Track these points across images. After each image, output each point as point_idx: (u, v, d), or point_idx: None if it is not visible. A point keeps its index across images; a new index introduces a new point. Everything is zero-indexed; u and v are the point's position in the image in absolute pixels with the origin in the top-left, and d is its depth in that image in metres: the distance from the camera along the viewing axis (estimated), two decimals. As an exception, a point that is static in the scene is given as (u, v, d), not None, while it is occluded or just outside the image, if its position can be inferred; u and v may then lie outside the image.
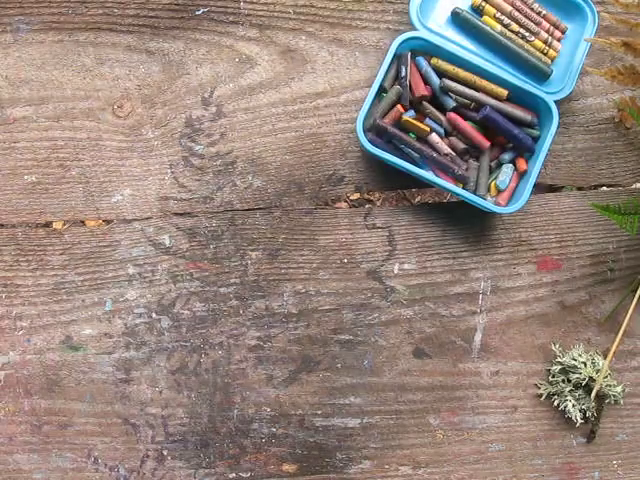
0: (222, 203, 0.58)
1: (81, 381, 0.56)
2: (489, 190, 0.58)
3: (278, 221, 0.58)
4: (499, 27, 0.59)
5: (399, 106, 0.57)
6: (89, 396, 0.56)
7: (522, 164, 0.58)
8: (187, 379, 0.56)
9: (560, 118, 0.58)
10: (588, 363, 0.58)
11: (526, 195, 0.56)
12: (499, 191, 0.58)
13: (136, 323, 0.57)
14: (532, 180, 0.56)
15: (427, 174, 0.56)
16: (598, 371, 0.57)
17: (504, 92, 0.58)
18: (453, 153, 0.57)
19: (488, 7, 0.59)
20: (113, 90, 0.58)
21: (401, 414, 0.58)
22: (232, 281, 0.57)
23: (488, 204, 0.56)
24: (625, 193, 0.61)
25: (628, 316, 0.58)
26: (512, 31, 0.59)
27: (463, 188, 0.57)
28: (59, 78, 0.58)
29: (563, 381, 0.58)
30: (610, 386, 0.58)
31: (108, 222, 0.58)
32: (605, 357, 0.58)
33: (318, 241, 0.58)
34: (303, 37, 0.60)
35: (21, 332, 0.56)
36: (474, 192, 0.57)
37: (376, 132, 0.56)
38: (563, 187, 0.62)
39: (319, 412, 0.57)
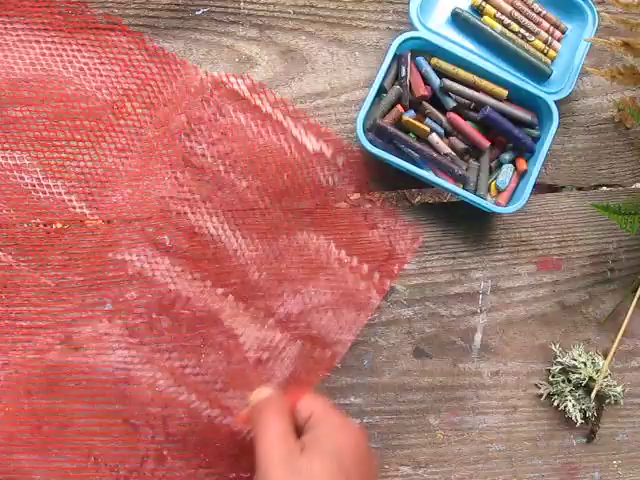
0: (222, 203, 0.58)
1: (81, 381, 0.56)
2: (489, 190, 0.58)
3: (279, 221, 0.58)
4: (499, 27, 0.59)
5: (399, 106, 0.57)
6: (89, 396, 0.56)
7: (522, 164, 0.58)
8: (188, 379, 0.56)
9: (560, 118, 0.58)
10: (588, 363, 0.58)
11: (526, 195, 0.56)
12: (499, 191, 0.58)
13: (136, 323, 0.56)
14: (532, 180, 0.56)
15: (427, 174, 0.56)
16: (598, 371, 0.57)
17: (504, 92, 0.58)
18: (453, 153, 0.57)
19: (488, 7, 0.59)
20: (113, 90, 0.58)
21: (401, 414, 0.58)
22: (232, 281, 0.57)
23: (488, 204, 0.56)
24: (625, 193, 0.62)
25: (628, 316, 0.58)
26: (512, 31, 0.59)
27: (463, 188, 0.57)
28: (59, 78, 0.58)
29: (563, 381, 0.58)
30: (610, 386, 0.58)
31: (108, 222, 0.58)
32: (605, 357, 0.58)
33: (318, 241, 0.58)
34: (303, 37, 0.60)
35: (21, 332, 0.56)
36: (474, 192, 0.57)
37: (376, 132, 0.56)
38: (563, 187, 0.62)
39: (319, 412, 0.57)
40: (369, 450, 0.47)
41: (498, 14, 0.59)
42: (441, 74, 0.58)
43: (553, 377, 0.58)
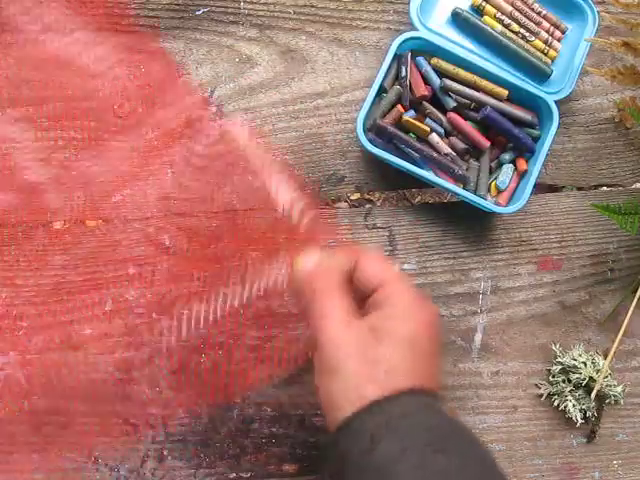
0: (222, 203, 0.58)
1: (81, 381, 0.56)
2: (489, 190, 0.58)
3: (278, 221, 0.58)
4: (499, 27, 0.59)
5: (399, 106, 0.57)
6: (89, 396, 0.56)
7: (522, 164, 0.58)
8: (187, 379, 0.56)
9: (560, 118, 0.58)
10: (588, 363, 0.58)
11: (526, 195, 0.56)
12: (499, 191, 0.58)
13: (136, 323, 0.56)
14: (532, 180, 0.56)
15: (427, 174, 0.56)
16: (598, 371, 0.57)
17: (504, 92, 0.58)
18: (453, 153, 0.57)
19: (488, 7, 0.59)
20: (113, 90, 0.58)
21: (401, 414, 0.58)
22: (232, 281, 0.57)
23: (488, 204, 0.56)
24: (625, 193, 0.61)
25: (628, 316, 0.58)
26: (512, 31, 0.59)
27: (463, 188, 0.57)
28: (59, 78, 0.58)
29: (563, 381, 0.58)
30: (610, 386, 0.58)
31: (108, 222, 0.58)
32: (605, 357, 0.58)
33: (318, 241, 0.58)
34: (303, 37, 0.60)
35: (21, 332, 0.56)
36: (474, 192, 0.57)
37: (376, 132, 0.56)
38: (563, 187, 0.62)
39: (319, 412, 0.57)
40: (440, 332, 0.42)
41: (498, 14, 0.59)
42: (441, 74, 0.58)
43: (553, 377, 0.58)
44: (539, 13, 0.60)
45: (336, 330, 0.39)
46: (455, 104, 0.57)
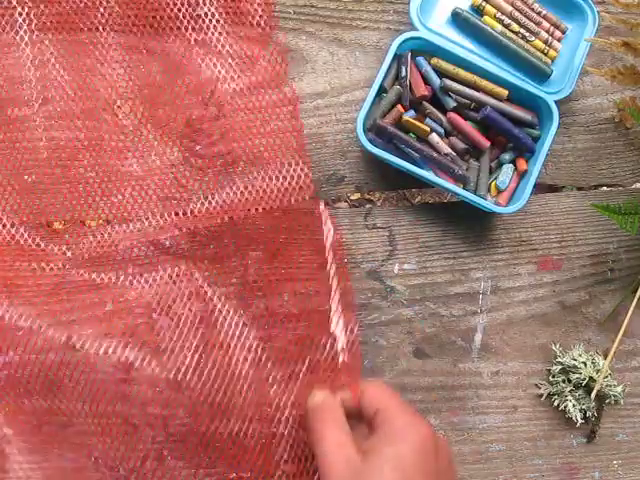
0: (222, 203, 0.58)
1: (81, 381, 0.56)
2: (489, 190, 0.58)
3: (278, 221, 0.58)
4: (499, 27, 0.59)
5: (399, 106, 0.57)
6: (89, 396, 0.56)
7: (522, 164, 0.58)
8: (187, 379, 0.56)
9: (560, 118, 0.58)
10: (588, 363, 0.58)
11: (526, 195, 0.56)
12: (499, 191, 0.58)
13: (136, 323, 0.56)
14: (532, 180, 0.56)
15: (427, 174, 0.56)
16: (598, 371, 0.57)
17: (504, 92, 0.58)
18: (453, 153, 0.57)
19: (488, 7, 0.59)
20: (113, 90, 0.58)
21: (401, 414, 0.57)
22: (232, 281, 0.57)
23: (488, 204, 0.56)
24: (625, 193, 0.62)
25: (628, 316, 0.58)
26: (512, 31, 0.59)
27: (463, 188, 0.57)
28: (59, 78, 0.58)
29: (563, 381, 0.58)
30: (610, 386, 0.58)
31: (108, 222, 0.58)
32: (605, 357, 0.58)
33: (318, 241, 0.58)
34: (303, 37, 0.60)
35: (21, 332, 0.56)
36: (474, 192, 0.57)
37: (376, 132, 0.56)
38: (563, 187, 0.62)
39: (319, 412, 0.57)
40: (437, 451, 0.44)
41: (498, 14, 0.59)
42: (441, 74, 0.58)
43: (553, 377, 0.58)
44: (539, 13, 0.60)
45: (329, 463, 0.43)
46: (455, 104, 0.57)
